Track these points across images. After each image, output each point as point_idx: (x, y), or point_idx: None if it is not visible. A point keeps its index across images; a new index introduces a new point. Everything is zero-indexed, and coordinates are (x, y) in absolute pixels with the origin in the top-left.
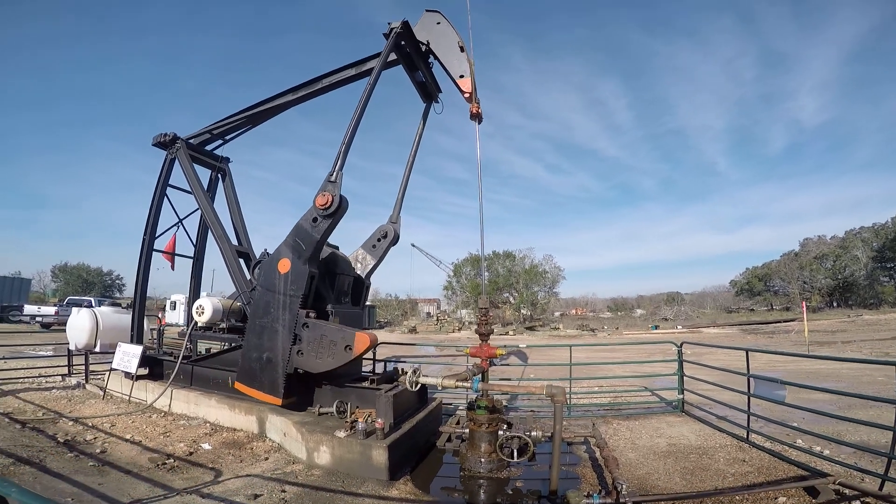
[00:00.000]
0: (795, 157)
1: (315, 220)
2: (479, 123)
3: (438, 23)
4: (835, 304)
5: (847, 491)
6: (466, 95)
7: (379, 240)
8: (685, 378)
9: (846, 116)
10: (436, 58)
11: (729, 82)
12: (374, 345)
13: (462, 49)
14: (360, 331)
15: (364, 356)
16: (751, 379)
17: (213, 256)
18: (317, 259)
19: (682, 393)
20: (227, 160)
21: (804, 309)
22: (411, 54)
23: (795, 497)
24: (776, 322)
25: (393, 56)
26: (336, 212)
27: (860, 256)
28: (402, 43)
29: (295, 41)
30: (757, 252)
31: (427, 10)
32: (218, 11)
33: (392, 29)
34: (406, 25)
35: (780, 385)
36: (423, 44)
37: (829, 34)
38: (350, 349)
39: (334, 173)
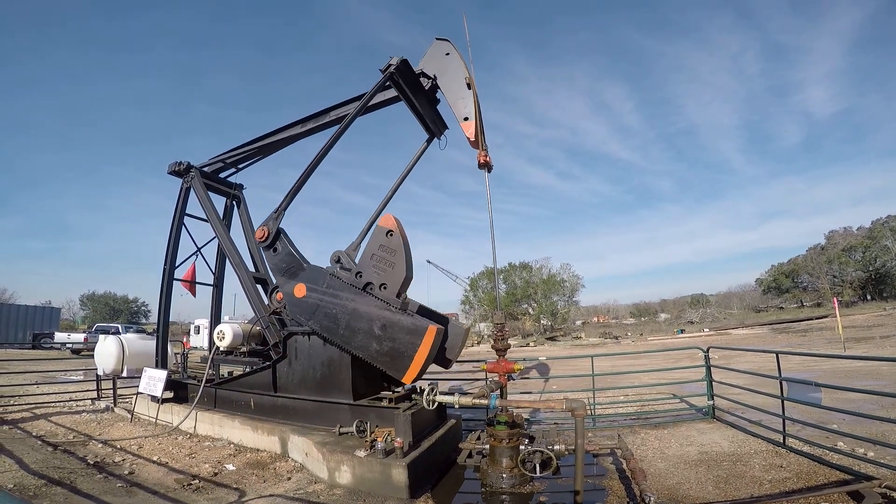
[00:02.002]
0: (812, 149)
1: (274, 250)
2: (488, 172)
3: (448, 53)
4: (868, 297)
5: (894, 494)
6: (472, 140)
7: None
8: (714, 383)
9: (860, 105)
10: (443, 93)
11: (734, 79)
12: (399, 221)
13: (469, 86)
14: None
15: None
16: (783, 382)
17: (234, 281)
18: (301, 255)
19: (712, 398)
20: (241, 187)
21: (836, 305)
22: (409, 93)
23: (839, 503)
24: (808, 319)
25: (392, 93)
26: (274, 240)
27: (890, 246)
28: (400, 81)
29: (315, 62)
30: (781, 248)
31: (437, 39)
32: (238, 28)
33: (388, 66)
34: (405, 63)
35: (814, 387)
36: (429, 78)
37: (829, 25)
38: (391, 233)
39: (278, 212)
